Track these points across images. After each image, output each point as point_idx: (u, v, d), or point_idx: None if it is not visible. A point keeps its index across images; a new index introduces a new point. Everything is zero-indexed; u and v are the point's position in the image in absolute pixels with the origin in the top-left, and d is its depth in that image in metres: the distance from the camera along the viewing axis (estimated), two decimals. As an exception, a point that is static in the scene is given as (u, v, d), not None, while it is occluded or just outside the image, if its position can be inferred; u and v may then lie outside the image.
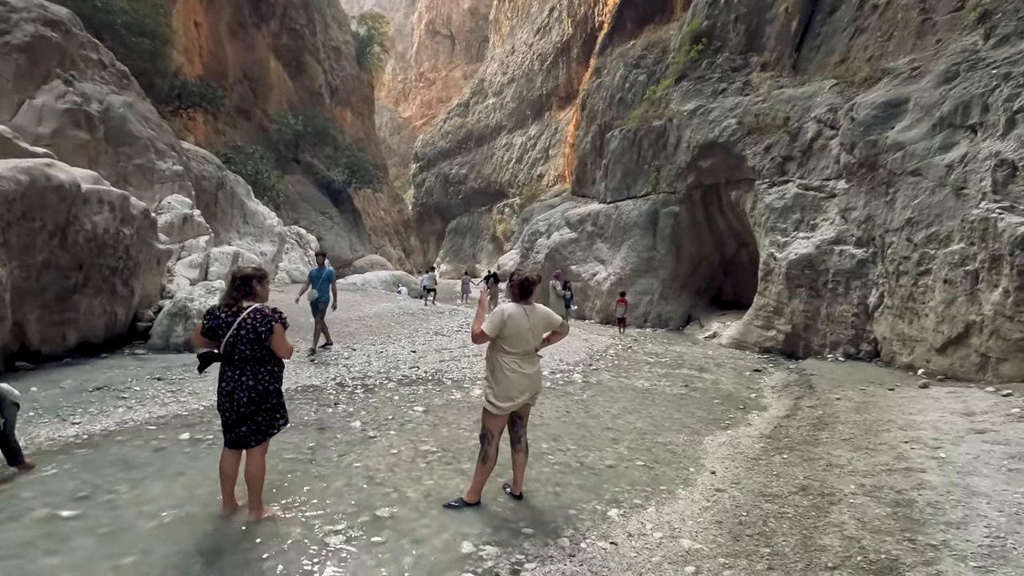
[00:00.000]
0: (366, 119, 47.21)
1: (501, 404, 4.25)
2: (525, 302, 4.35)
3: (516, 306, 4.28)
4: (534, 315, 4.33)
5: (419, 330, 13.96)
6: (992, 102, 9.27)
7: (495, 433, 4.34)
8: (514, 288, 4.40)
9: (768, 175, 14.00)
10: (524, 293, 4.38)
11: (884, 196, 10.71)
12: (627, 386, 9.18)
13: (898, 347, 10.04)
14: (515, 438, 4.56)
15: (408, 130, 68.44)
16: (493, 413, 4.28)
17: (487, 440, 4.34)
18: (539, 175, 45.94)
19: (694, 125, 16.82)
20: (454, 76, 65.92)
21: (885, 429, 5.75)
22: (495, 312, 4.26)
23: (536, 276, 4.48)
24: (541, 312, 4.43)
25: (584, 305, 20.10)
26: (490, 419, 4.32)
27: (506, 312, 4.21)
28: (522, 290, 4.37)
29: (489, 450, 4.34)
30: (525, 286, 4.36)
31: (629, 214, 19.09)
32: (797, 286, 12.29)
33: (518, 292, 4.39)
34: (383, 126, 69.53)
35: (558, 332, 4.59)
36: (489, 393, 4.28)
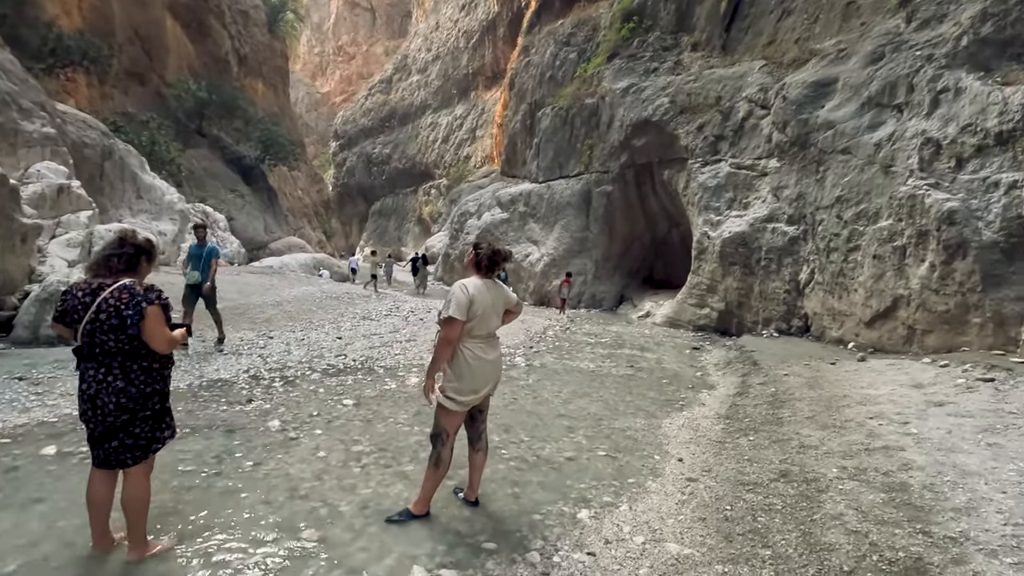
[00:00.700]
0: (280, 92, 43.91)
1: (464, 398, 3.52)
2: (488, 277, 3.63)
3: (480, 282, 3.55)
4: (496, 292, 3.63)
5: (344, 315, 12.83)
6: (917, 82, 9.49)
7: (451, 432, 3.61)
8: (481, 260, 3.65)
9: (701, 154, 13.97)
10: (491, 267, 3.65)
11: (815, 174, 10.84)
12: (572, 368, 8.69)
13: (828, 322, 10.23)
14: (475, 435, 3.85)
15: (327, 106, 64.62)
16: (452, 410, 3.54)
17: (441, 441, 3.60)
18: (466, 156, 44.81)
19: (627, 103, 16.57)
20: (375, 51, 62.83)
21: (845, 405, 5.56)
22: (457, 292, 3.49)
23: (507, 250, 3.76)
24: (502, 289, 3.73)
25: (518, 287, 19.56)
26: (448, 417, 3.58)
27: (470, 289, 3.47)
28: (491, 263, 3.63)
29: (443, 452, 3.60)
30: (495, 258, 3.62)
31: (562, 194, 18.67)
32: (731, 264, 12.33)
33: (486, 265, 3.64)
34: (299, 101, 65.26)
35: (512, 311, 3.91)
36: (450, 387, 3.53)
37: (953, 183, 8.40)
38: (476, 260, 3.66)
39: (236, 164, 30.39)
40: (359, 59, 64.23)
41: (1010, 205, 7.73)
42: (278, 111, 41.48)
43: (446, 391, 3.55)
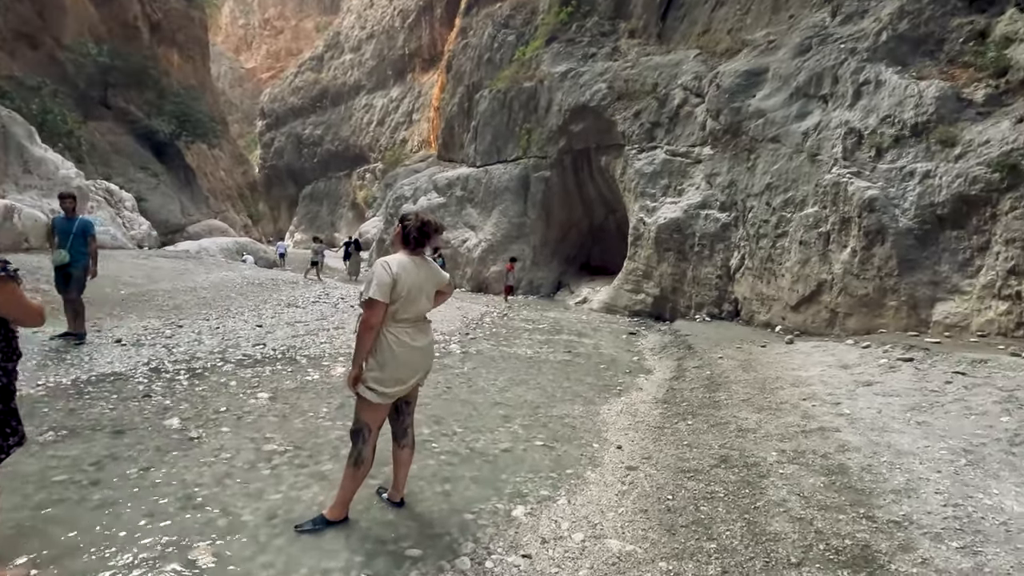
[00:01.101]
0: (199, 64, 40.74)
1: (389, 390, 3.12)
2: (417, 253, 3.22)
3: (407, 258, 3.14)
4: (426, 270, 3.23)
5: (268, 301, 11.94)
6: (841, 74, 9.78)
7: (374, 427, 3.20)
8: (409, 233, 3.23)
9: (637, 140, 13.98)
10: (420, 240, 3.23)
11: (746, 162, 11.04)
12: (509, 355, 8.41)
13: (757, 306, 10.49)
14: (400, 430, 3.46)
15: (252, 83, 60.83)
16: (375, 403, 3.13)
17: (362, 437, 3.19)
18: (402, 140, 43.50)
19: (565, 88, 16.37)
20: (305, 27, 59.63)
21: (778, 387, 5.57)
22: (378, 270, 3.07)
23: (438, 221, 3.34)
24: (431, 267, 3.33)
25: (455, 273, 19.08)
26: (370, 410, 3.17)
27: (394, 266, 3.05)
28: (420, 235, 3.22)
29: (365, 450, 3.19)
30: (425, 230, 3.21)
31: (500, 179, 18.31)
32: (666, 250, 12.43)
33: (415, 238, 3.22)
34: (221, 76, 61.07)
35: (444, 292, 3.53)
36: (371, 377, 3.11)
37: (873, 172, 8.72)
38: (403, 233, 3.24)
39: (148, 140, 27.89)
40: (287, 34, 60.79)
41: (924, 193, 8.09)
42: (197, 84, 38.47)
43: (367, 381, 3.13)
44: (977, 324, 7.24)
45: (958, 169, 7.79)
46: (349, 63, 48.32)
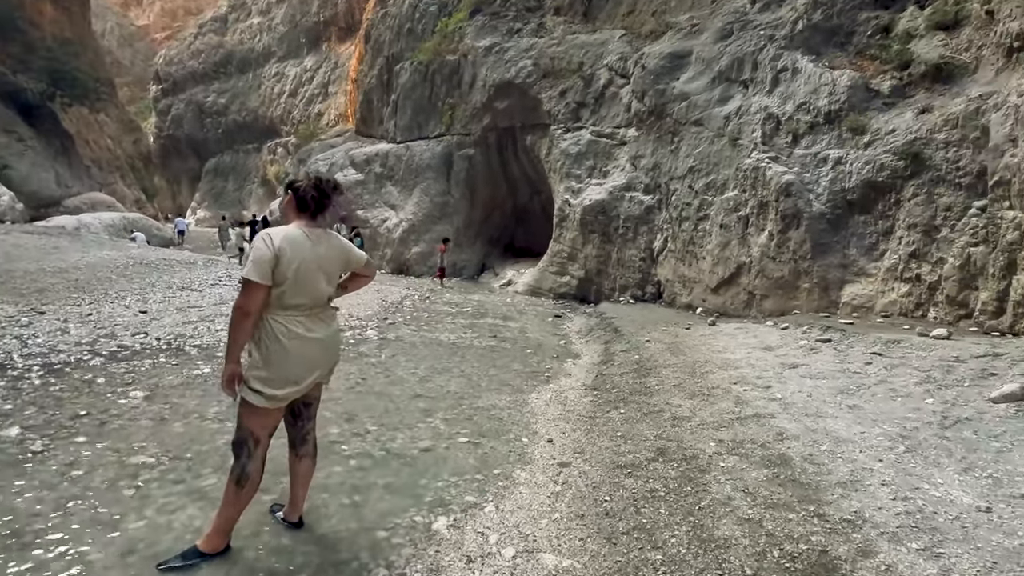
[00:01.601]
0: (77, 17, 35.89)
1: (278, 392, 2.52)
2: (314, 223, 2.62)
3: (299, 230, 2.54)
4: (328, 245, 2.64)
5: (157, 284, 10.57)
6: (760, 60, 9.91)
7: (262, 437, 2.60)
8: (306, 196, 2.62)
9: (563, 120, 13.68)
10: (320, 204, 2.63)
11: (670, 144, 11.03)
12: (431, 341, 7.86)
13: (679, 288, 10.57)
14: (298, 437, 2.88)
15: (145, 43, 54.66)
16: (261, 407, 2.53)
17: (246, 449, 2.58)
18: (318, 113, 40.89)
19: (490, 63, 15.74)
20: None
21: (708, 371, 5.44)
22: (258, 245, 2.44)
23: (335, 180, 2.74)
24: (336, 242, 2.74)
25: (374, 254, 18.09)
26: (255, 416, 2.56)
27: (277, 239, 2.45)
28: (318, 200, 2.62)
29: (250, 465, 2.58)
30: (321, 188, 2.61)
31: (422, 156, 17.45)
32: (590, 232, 12.28)
33: (314, 198, 2.62)
34: (107, 34, 54.45)
35: (362, 274, 2.97)
36: (255, 376, 2.50)
37: (790, 157, 8.90)
38: (296, 199, 2.62)
39: (13, 100, 24.17)
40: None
41: (836, 179, 8.34)
42: (74, 39, 33.94)
43: (251, 381, 2.51)
44: (881, 305, 7.58)
45: (867, 156, 8.08)
46: (257, 27, 44.59)
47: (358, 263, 2.82)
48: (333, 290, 2.76)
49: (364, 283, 3.04)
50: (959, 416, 3.51)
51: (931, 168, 7.31)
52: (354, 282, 2.97)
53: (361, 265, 2.84)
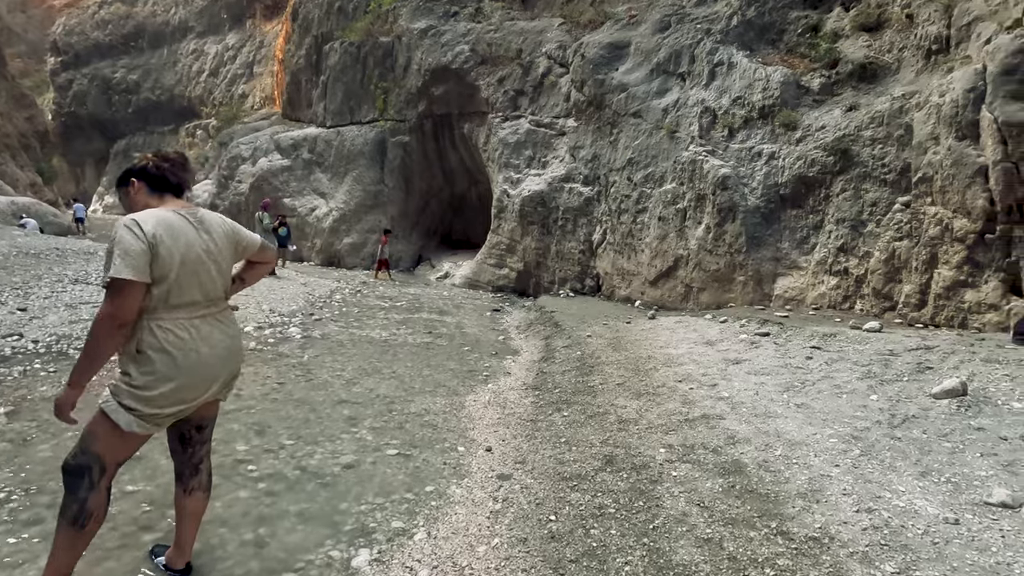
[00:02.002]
0: (-44, -25, 31.78)
1: (160, 411, 1.99)
2: (184, 203, 2.09)
3: (170, 213, 2.01)
4: (210, 228, 2.12)
5: (44, 277, 9.29)
6: (698, 54, 9.89)
7: (111, 465, 2.06)
8: (161, 170, 2.10)
9: (502, 108, 13.27)
10: (177, 177, 2.12)
11: (609, 136, 10.87)
12: (361, 338, 7.27)
13: (618, 281, 10.46)
14: (188, 467, 2.35)
15: (41, 10, 49.12)
16: (127, 431, 1.99)
17: (88, 480, 2.03)
18: (241, 94, 38.29)
19: (425, 46, 15.05)
20: (114, -51, 49.38)
21: (652, 367, 5.23)
22: (123, 235, 1.91)
23: (180, 153, 2.22)
24: (221, 222, 2.22)
25: (302, 245, 17.03)
26: (115, 440, 2.03)
27: (149, 224, 1.93)
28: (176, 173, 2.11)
29: (93, 499, 2.02)
30: (172, 159, 2.09)
31: (353, 141, 16.53)
32: (529, 223, 11.98)
33: (172, 175, 2.11)
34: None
35: (259, 261, 2.45)
36: (130, 391, 1.96)
37: (726, 151, 8.92)
38: (149, 178, 2.09)
39: None
40: (89, -45, 49.92)
41: (770, 173, 8.42)
42: (-48, 1, 30.05)
43: (122, 396, 1.96)
44: (812, 298, 7.71)
45: (798, 152, 8.19)
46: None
47: (251, 247, 2.30)
48: (227, 282, 2.24)
49: (262, 273, 2.52)
50: (906, 414, 3.44)
51: (858, 164, 7.48)
52: (251, 272, 2.45)
53: (255, 250, 2.32)
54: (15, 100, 34.57)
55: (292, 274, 13.18)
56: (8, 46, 47.19)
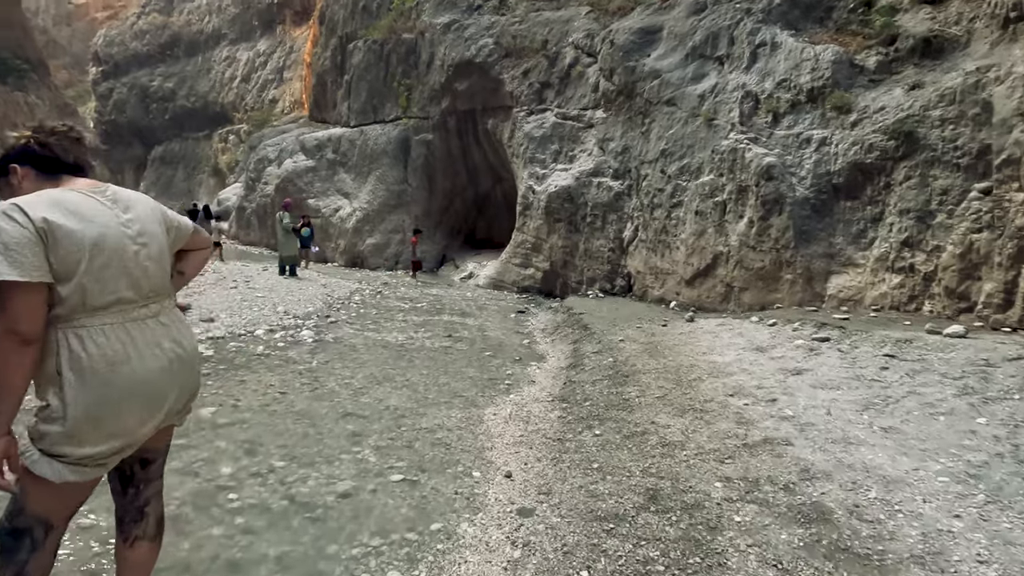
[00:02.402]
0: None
1: (95, 450, 1.51)
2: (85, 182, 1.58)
3: (69, 192, 1.49)
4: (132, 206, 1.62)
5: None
6: (737, 35, 9.11)
7: (57, 523, 1.57)
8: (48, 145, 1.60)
9: (527, 102, 12.68)
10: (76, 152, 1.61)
11: (640, 127, 10.16)
12: (376, 342, 6.77)
13: (651, 281, 9.74)
14: (132, 510, 1.85)
15: (85, 22, 50.74)
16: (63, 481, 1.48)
17: (29, 542, 1.54)
18: (272, 100, 38.68)
19: (448, 41, 14.57)
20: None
21: (696, 378, 4.56)
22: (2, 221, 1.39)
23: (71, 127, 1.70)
24: (144, 202, 1.71)
25: (325, 246, 16.76)
26: (53, 496, 1.54)
27: (39, 208, 1.43)
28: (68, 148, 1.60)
29: (34, 563, 1.53)
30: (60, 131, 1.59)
31: (377, 140, 16.17)
32: (556, 221, 11.34)
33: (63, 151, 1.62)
34: (42, 12, 50.47)
35: (195, 248, 1.93)
36: (53, 434, 1.46)
37: (770, 138, 8.14)
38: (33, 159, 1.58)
39: (-80, 75, 21.59)
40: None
41: (820, 161, 7.61)
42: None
43: (41, 439, 1.47)
44: (871, 298, 6.88)
45: (854, 136, 7.36)
46: (206, 8, 41.89)
47: (184, 232, 1.79)
48: (165, 275, 1.72)
49: (202, 261, 2.00)
50: (1031, 444, 2.72)
51: (925, 148, 6.62)
52: (189, 263, 1.93)
53: (188, 234, 1.81)
54: (58, 109, 35.58)
55: (314, 275, 12.86)
56: (53, 58, 48.89)
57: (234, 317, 7.38)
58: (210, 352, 5.69)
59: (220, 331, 6.60)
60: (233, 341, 6.22)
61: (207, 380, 4.86)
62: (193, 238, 1.85)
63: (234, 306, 8.09)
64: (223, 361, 5.46)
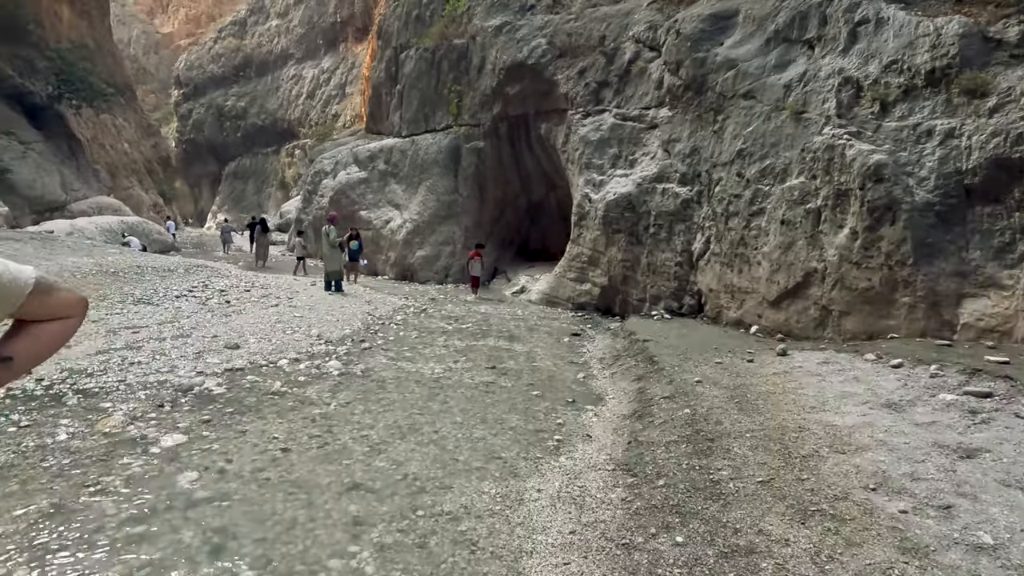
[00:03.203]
0: (97, 23, 35.13)
1: None
2: None
3: None
4: None
5: (109, 296, 8.84)
6: (831, 13, 7.67)
7: None
8: None
9: (583, 103, 11.58)
10: None
11: (712, 124, 8.84)
12: (409, 375, 5.87)
13: (726, 300, 8.38)
14: None
15: (170, 50, 54.02)
16: None
17: None
18: (334, 114, 39.48)
19: (500, 44, 13.71)
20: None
21: (812, 452, 3.32)
22: None
23: None
24: None
25: (376, 258, 16.27)
26: None
27: None
28: None
29: None
30: None
31: (428, 150, 15.51)
32: (615, 231, 10.16)
33: None
34: (133, 41, 54.15)
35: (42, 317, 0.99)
36: None
37: (878, 132, 6.66)
38: None
39: (17, 101, 23.07)
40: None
41: (946, 158, 6.09)
42: (92, 44, 33.15)
43: None
44: (1023, 330, 5.32)
45: (993, 126, 5.81)
46: (275, 29, 43.43)
47: (15, 292, 0.91)
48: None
49: (55, 337, 1.12)
50: None
51: (1103, 136, 5.04)
52: (28, 339, 1.05)
53: (24, 296, 0.92)
54: (143, 130, 37.74)
55: (360, 290, 12.27)
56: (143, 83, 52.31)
57: (262, 343, 6.72)
58: (221, 389, 4.97)
59: (242, 360, 5.92)
60: (252, 373, 5.50)
61: (204, 429, 4.10)
62: (36, 302, 0.97)
63: (267, 328, 7.46)
64: (232, 402, 4.70)
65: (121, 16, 53.35)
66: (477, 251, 12.68)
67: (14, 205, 20.66)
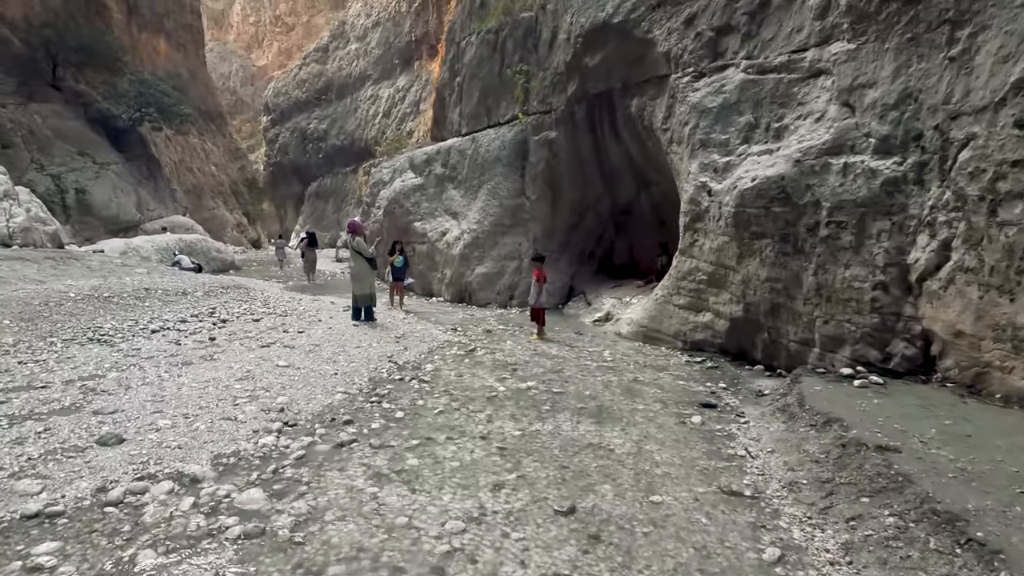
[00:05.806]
0: (192, 54, 36.05)
1: None
2: None
3: None
4: None
5: (125, 319, 6.43)
6: None
7: None
8: None
9: (693, 61, 8.04)
10: None
11: (947, 47, 5.01)
12: (387, 541, 2.63)
13: (994, 355, 4.46)
14: None
15: (263, 81, 55.83)
16: None
17: None
18: (408, 131, 38.06)
19: (576, 6, 10.46)
20: (316, 22, 54.45)
21: None
22: None
23: None
24: None
25: (431, 276, 13.44)
26: None
27: None
28: None
29: None
30: None
31: (489, 147, 12.51)
32: (755, 236, 6.47)
33: None
34: (233, 75, 56.69)
35: None
36: None
37: None
38: None
39: (102, 125, 22.91)
40: (299, 31, 55.84)
41: None
42: (187, 74, 33.83)
43: None
44: None
45: None
46: (355, 53, 43.10)
47: None
48: None
49: None
50: None
51: None
52: None
53: None
54: (230, 154, 38.19)
55: (399, 317, 9.34)
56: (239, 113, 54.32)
57: (174, 430, 3.80)
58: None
59: (89, 482, 2.99)
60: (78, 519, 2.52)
61: None
62: None
63: (212, 394, 4.57)
64: None
65: (223, 53, 56.04)
66: (539, 270, 8.40)
67: (89, 225, 20.09)
